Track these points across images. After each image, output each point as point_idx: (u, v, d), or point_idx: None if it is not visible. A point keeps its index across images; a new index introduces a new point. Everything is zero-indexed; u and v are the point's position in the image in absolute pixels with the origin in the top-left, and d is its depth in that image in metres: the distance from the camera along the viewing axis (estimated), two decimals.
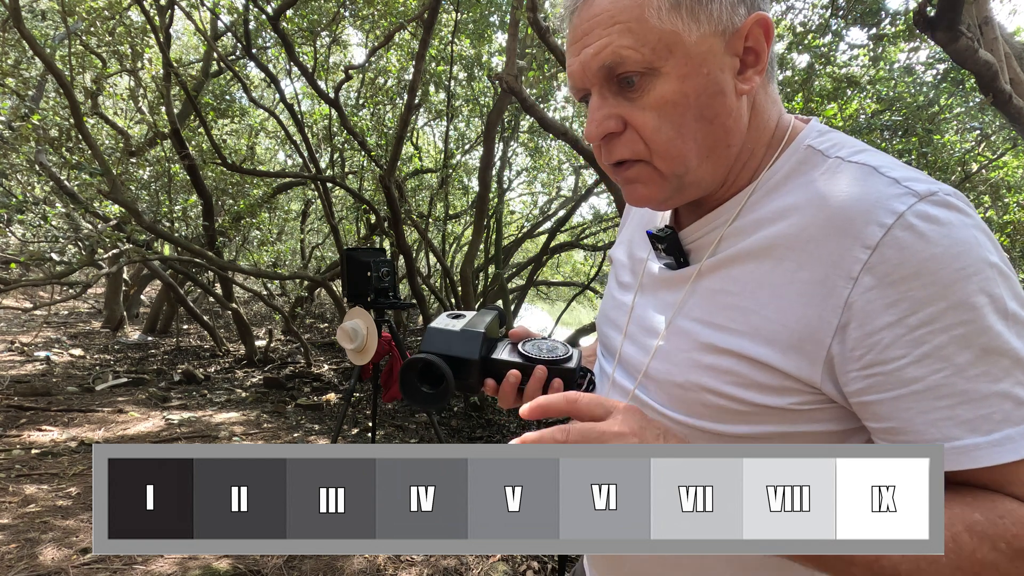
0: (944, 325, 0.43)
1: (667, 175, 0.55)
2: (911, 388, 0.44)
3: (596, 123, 0.54)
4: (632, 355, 0.64)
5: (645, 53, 0.51)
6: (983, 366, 0.43)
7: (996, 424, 0.43)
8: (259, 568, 2.30)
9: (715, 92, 0.52)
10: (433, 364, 0.63)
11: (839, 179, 0.51)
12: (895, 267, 0.45)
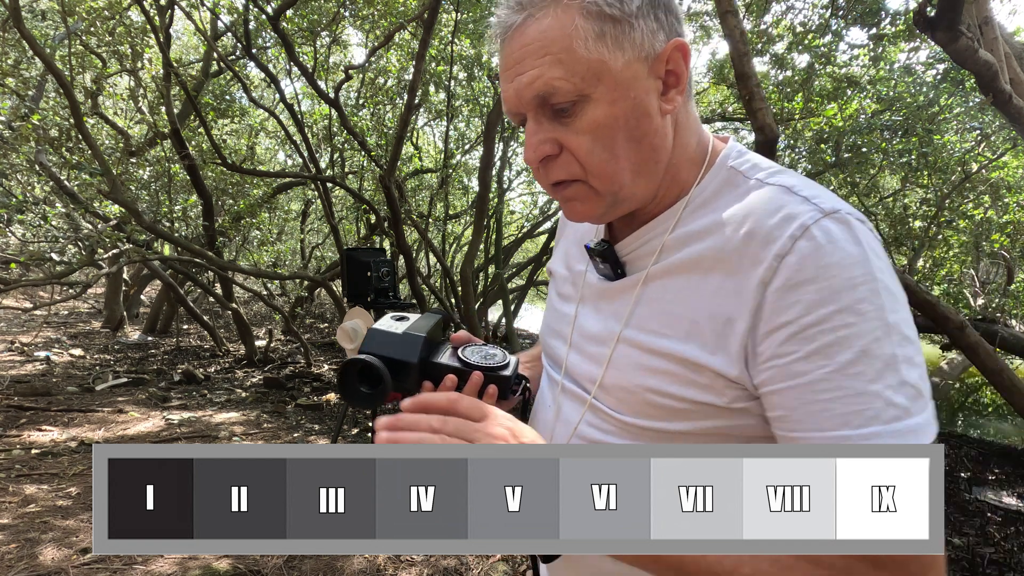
0: (831, 326, 0.48)
1: (602, 193, 0.59)
2: (798, 381, 0.49)
3: (533, 147, 0.57)
4: (578, 364, 0.68)
5: (575, 82, 0.54)
6: (860, 366, 0.47)
7: (866, 420, 0.47)
8: (259, 568, 2.30)
9: (642, 114, 0.57)
10: (371, 366, 0.64)
11: (758, 199, 0.56)
12: (795, 272, 0.50)
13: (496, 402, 0.66)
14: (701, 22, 7.31)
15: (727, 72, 6.27)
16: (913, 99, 4.73)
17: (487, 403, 0.61)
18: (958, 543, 2.93)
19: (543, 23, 0.54)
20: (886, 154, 4.94)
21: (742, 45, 2.47)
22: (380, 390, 0.64)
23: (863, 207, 5.69)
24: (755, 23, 5.64)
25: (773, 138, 2.55)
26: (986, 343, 2.93)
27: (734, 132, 7.48)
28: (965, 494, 3.69)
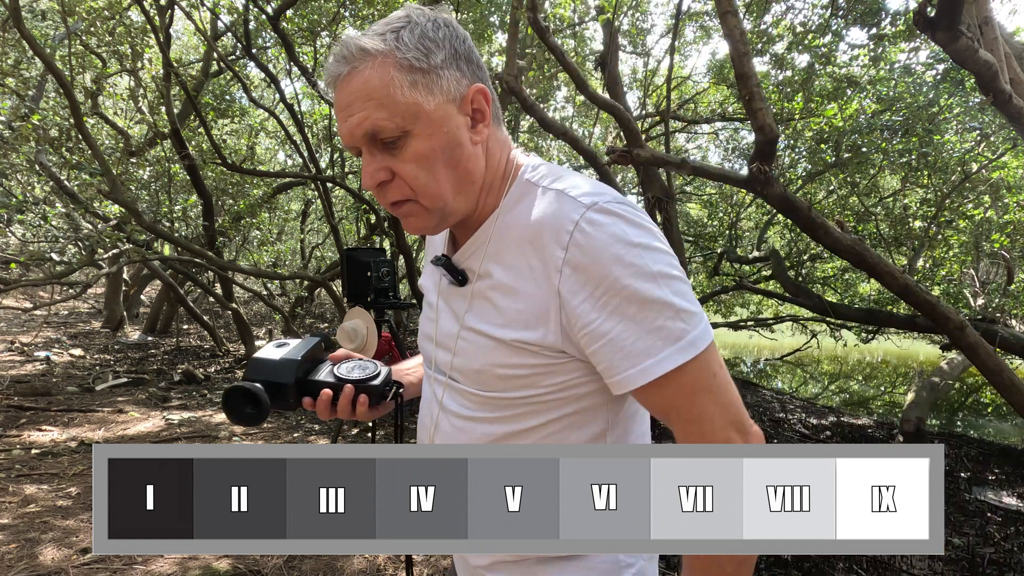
0: (614, 292, 0.63)
1: (431, 209, 0.71)
2: (608, 337, 0.63)
3: (369, 175, 0.69)
4: (441, 357, 0.80)
5: (397, 121, 0.66)
6: (644, 313, 0.62)
7: (660, 348, 0.62)
8: (259, 568, 2.29)
9: (455, 144, 0.69)
10: (250, 391, 0.75)
11: (543, 202, 0.70)
12: (578, 259, 0.64)
13: (369, 408, 0.81)
14: (701, 22, 7.32)
15: (727, 72, 6.27)
16: (913, 99, 4.72)
17: (361, 410, 0.80)
18: (958, 543, 2.93)
19: (364, 74, 0.65)
20: (886, 154, 4.94)
21: (742, 45, 2.47)
22: (261, 410, 0.76)
23: (863, 207, 5.69)
24: (755, 23, 5.64)
25: (773, 138, 2.56)
26: (986, 343, 2.93)
27: (734, 132, 7.48)
28: (965, 494, 3.69)
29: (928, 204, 5.25)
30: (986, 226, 5.18)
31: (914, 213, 5.48)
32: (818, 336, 7.84)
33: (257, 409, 0.76)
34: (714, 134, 8.41)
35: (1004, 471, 4.28)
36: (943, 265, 5.64)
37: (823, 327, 7.39)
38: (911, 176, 5.22)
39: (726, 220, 7.12)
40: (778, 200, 2.76)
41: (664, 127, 5.78)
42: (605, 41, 6.05)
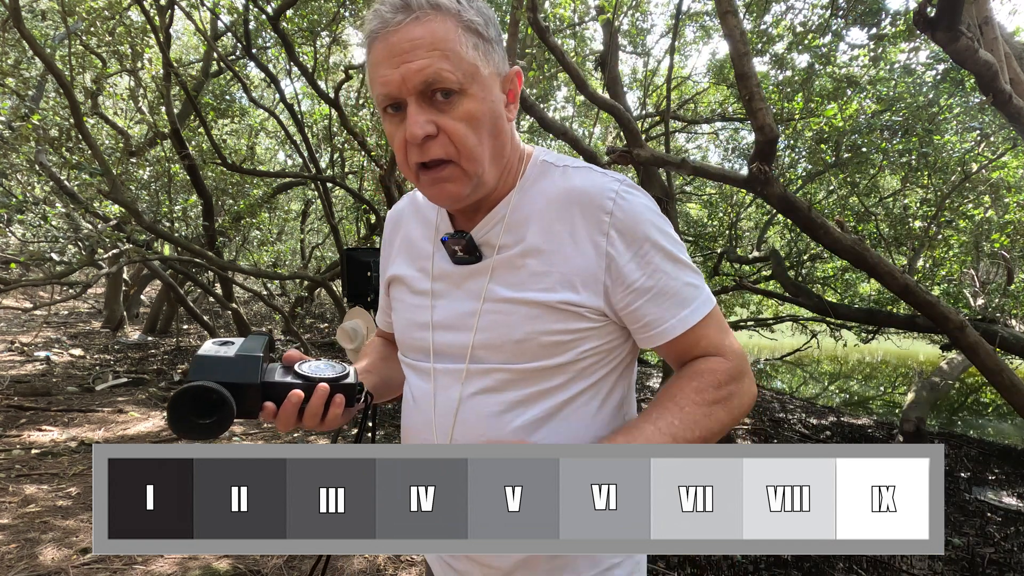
0: (654, 252, 0.72)
1: (470, 174, 0.70)
2: (651, 293, 0.71)
3: (419, 125, 0.67)
4: (450, 340, 0.77)
5: (458, 76, 0.66)
6: (676, 271, 0.72)
7: (689, 300, 0.72)
8: (259, 568, 2.29)
9: (498, 115, 0.71)
10: (211, 391, 0.61)
11: (575, 177, 0.75)
12: (621, 222, 0.71)
13: (343, 411, 0.72)
14: (701, 22, 7.32)
15: (727, 72, 6.27)
16: (913, 99, 4.72)
17: (335, 412, 0.70)
18: (958, 543, 2.93)
19: (432, 24, 0.66)
20: (886, 154, 4.94)
21: (742, 45, 2.47)
22: (222, 416, 0.60)
23: (863, 207, 5.69)
24: (755, 23, 5.64)
25: (773, 138, 2.55)
26: (986, 343, 2.93)
27: (734, 132, 7.48)
28: (965, 494, 3.69)
29: (928, 204, 5.25)
30: (986, 226, 5.18)
31: (914, 213, 5.48)
32: (818, 336, 7.84)
33: (218, 416, 0.61)
34: (714, 134, 8.41)
35: (1004, 471, 4.28)
36: (943, 265, 5.64)
37: (823, 327, 7.39)
38: (911, 176, 5.21)
39: (726, 220, 7.12)
40: (778, 200, 2.76)
41: (664, 127, 5.78)
42: (605, 41, 6.05)
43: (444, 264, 0.80)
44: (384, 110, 0.71)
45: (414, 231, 0.86)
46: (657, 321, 0.72)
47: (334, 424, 0.72)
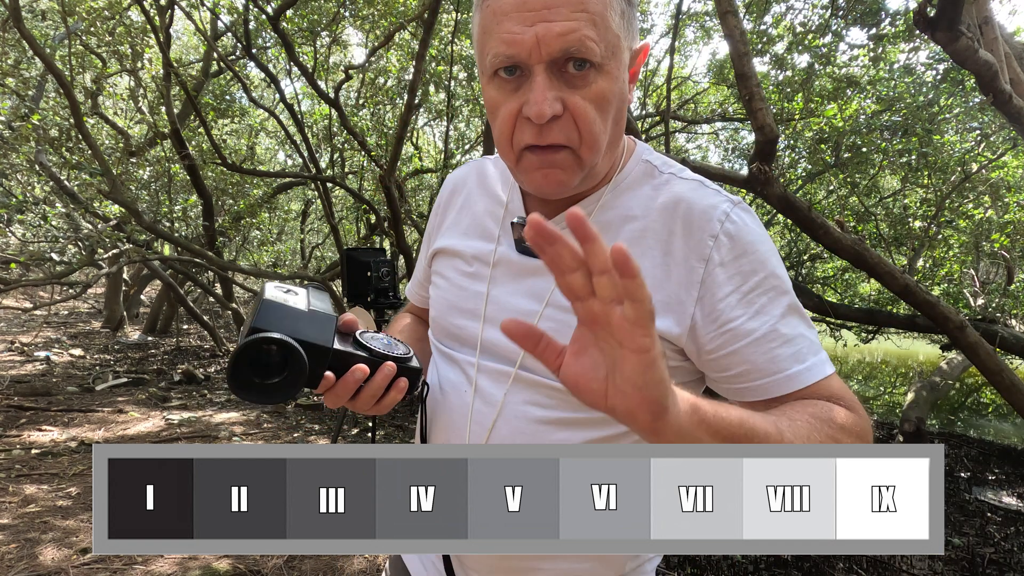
0: (764, 289, 0.59)
1: (585, 164, 0.60)
2: (752, 337, 0.58)
3: (548, 103, 0.55)
4: (501, 339, 0.65)
5: (602, 48, 0.55)
6: (789, 316, 0.59)
7: (805, 356, 0.58)
8: (259, 568, 2.29)
9: (624, 98, 0.61)
10: (288, 347, 0.51)
11: (681, 189, 0.64)
12: (728, 250, 0.60)
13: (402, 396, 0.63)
14: (701, 22, 7.31)
15: (727, 72, 6.27)
16: (913, 99, 4.72)
17: (394, 397, 0.61)
18: (958, 543, 2.93)
19: None
20: (886, 154, 4.94)
21: (742, 45, 2.47)
22: (292, 378, 0.52)
23: (863, 207, 5.69)
24: (755, 23, 5.64)
25: (773, 138, 2.55)
26: (986, 343, 2.93)
27: (734, 132, 7.48)
28: (965, 494, 3.69)
29: (928, 204, 5.25)
30: (986, 226, 5.18)
31: (914, 213, 5.48)
32: (818, 336, 7.84)
33: (288, 375, 0.52)
34: (714, 134, 8.41)
35: (1004, 471, 4.28)
36: (943, 265, 5.64)
37: (823, 327, 7.39)
38: (911, 176, 5.21)
39: None
40: (778, 200, 2.76)
41: (664, 127, 5.78)
42: None
43: (507, 250, 0.69)
44: (494, 72, 0.58)
45: (478, 203, 0.75)
46: (758, 372, 0.58)
47: (385, 410, 0.63)
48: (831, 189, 6.22)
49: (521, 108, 0.57)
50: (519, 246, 0.68)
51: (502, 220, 0.70)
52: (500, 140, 0.61)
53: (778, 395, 0.58)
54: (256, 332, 0.51)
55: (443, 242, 0.76)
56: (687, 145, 9.42)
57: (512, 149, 0.60)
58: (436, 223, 0.80)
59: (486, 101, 0.61)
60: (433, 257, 0.79)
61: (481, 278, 0.70)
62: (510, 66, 0.56)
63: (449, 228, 0.77)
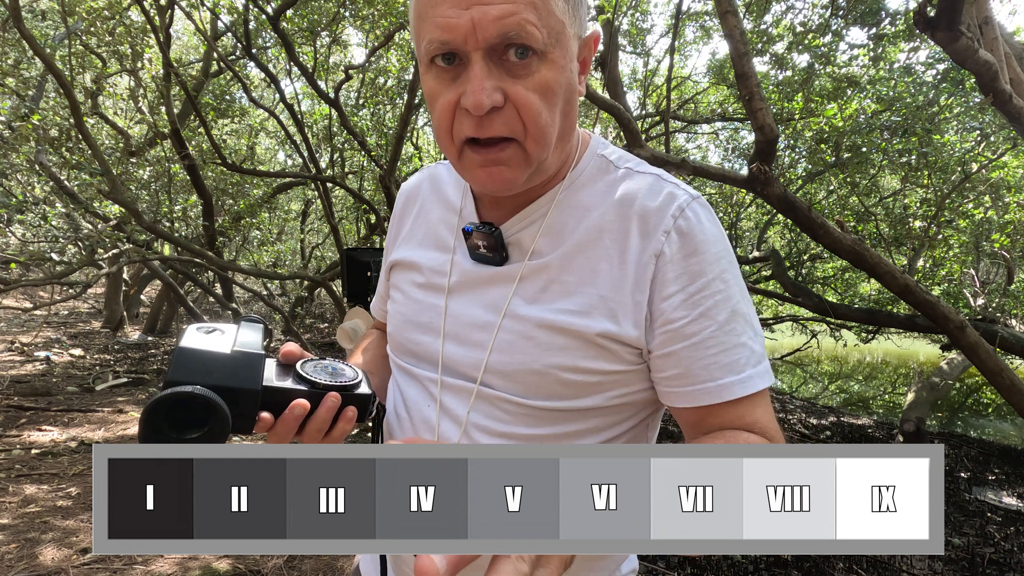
0: (710, 292, 0.57)
1: (532, 158, 0.56)
2: (691, 341, 0.56)
3: (486, 93, 0.51)
4: (460, 355, 0.63)
5: (544, 34, 0.52)
6: (733, 324, 0.57)
7: (742, 367, 0.56)
8: (259, 568, 2.30)
9: (573, 88, 0.57)
10: (199, 399, 0.47)
11: (637, 184, 0.61)
12: (680, 247, 0.57)
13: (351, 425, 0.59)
14: (701, 22, 7.31)
15: (727, 72, 6.27)
16: (913, 99, 4.72)
17: (343, 428, 0.57)
18: (958, 543, 2.93)
19: None
20: (886, 154, 4.94)
21: (742, 45, 2.47)
22: (212, 432, 0.48)
23: (863, 207, 5.69)
24: (755, 23, 5.64)
25: (773, 138, 2.56)
26: (986, 343, 2.93)
27: (734, 132, 7.48)
28: (965, 494, 3.69)
29: (928, 204, 5.25)
30: (986, 226, 5.18)
31: (914, 213, 5.48)
32: (818, 336, 7.84)
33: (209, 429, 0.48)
34: (714, 134, 8.41)
35: (1004, 471, 4.28)
36: (943, 265, 5.64)
37: (823, 327, 7.39)
38: (911, 176, 5.21)
39: (726, 220, 7.12)
40: (778, 200, 2.76)
41: (664, 127, 5.78)
42: (605, 41, 6.04)
43: (462, 259, 0.66)
44: (430, 60, 0.54)
45: (432, 212, 0.72)
46: (691, 377, 0.57)
47: (339, 440, 0.58)
48: (831, 189, 6.22)
49: (459, 99, 0.53)
50: (473, 254, 0.65)
51: (456, 228, 0.67)
52: (439, 134, 0.57)
53: (707, 404, 0.56)
54: (172, 385, 0.48)
55: (399, 254, 0.73)
56: (687, 145, 9.42)
57: (452, 143, 0.57)
58: (392, 235, 0.77)
59: (424, 92, 0.57)
60: (390, 270, 0.76)
61: (438, 290, 0.67)
62: (447, 53, 0.53)
63: (405, 240, 0.74)
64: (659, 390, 0.61)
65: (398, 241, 0.75)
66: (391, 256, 0.76)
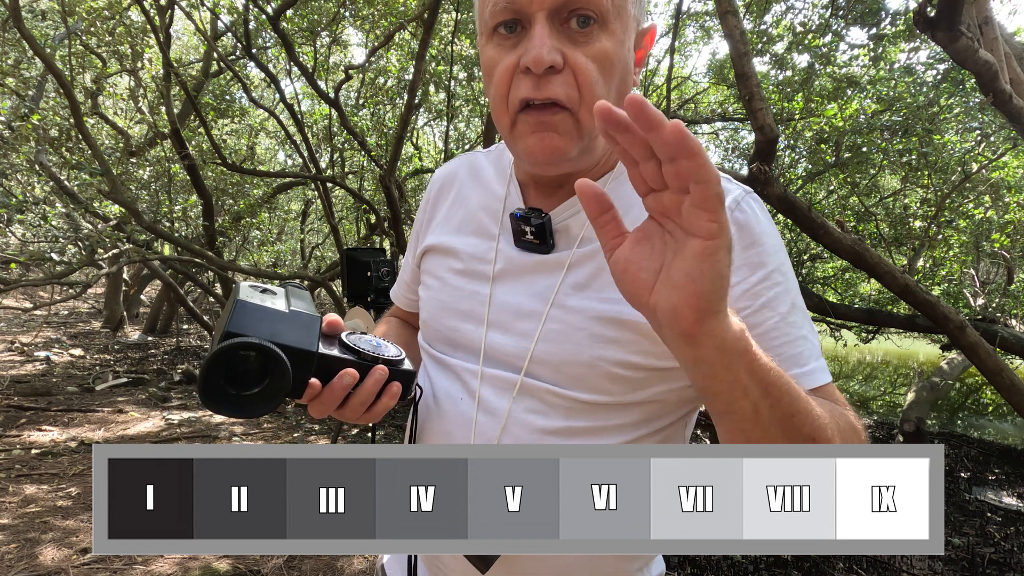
0: (771, 283, 0.56)
1: (584, 130, 0.56)
2: (754, 332, 0.51)
3: (547, 50, 0.52)
4: (504, 344, 0.62)
5: (608, 3, 0.53)
6: (794, 316, 0.56)
7: (806, 359, 0.56)
8: (259, 568, 2.30)
9: (628, 68, 0.57)
10: (268, 352, 0.46)
11: None
12: (738, 240, 0.56)
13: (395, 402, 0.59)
14: (701, 22, 7.31)
15: (727, 72, 6.27)
16: (913, 99, 4.72)
17: (386, 403, 0.56)
18: (958, 543, 2.93)
19: None
20: (886, 154, 4.94)
21: (742, 45, 2.47)
22: (272, 388, 0.47)
23: (863, 207, 5.69)
24: (755, 23, 5.64)
25: (773, 138, 2.55)
26: (986, 343, 2.93)
27: (734, 132, 7.48)
28: (965, 494, 3.69)
29: (928, 204, 5.25)
30: (986, 226, 5.18)
31: (914, 213, 5.48)
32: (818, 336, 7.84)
33: (268, 384, 0.47)
34: (714, 134, 8.41)
35: (1004, 471, 4.28)
36: (943, 265, 5.64)
37: (823, 327, 7.39)
38: (911, 176, 5.21)
39: None
40: (778, 200, 2.76)
41: None
42: None
43: (507, 247, 0.64)
44: (493, 30, 0.55)
45: (471, 198, 0.70)
46: None
47: (377, 418, 0.57)
48: (831, 189, 6.22)
49: (519, 61, 0.54)
50: (518, 241, 0.63)
51: (500, 216, 0.66)
52: (495, 101, 0.57)
53: None
54: (231, 337, 0.46)
55: (434, 239, 0.72)
56: None
57: (507, 110, 0.57)
58: (424, 220, 0.76)
59: (483, 64, 0.58)
60: (423, 256, 0.74)
61: (480, 277, 0.65)
62: (510, 21, 0.54)
63: (440, 224, 0.72)
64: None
65: (432, 227, 0.74)
66: (424, 242, 0.73)
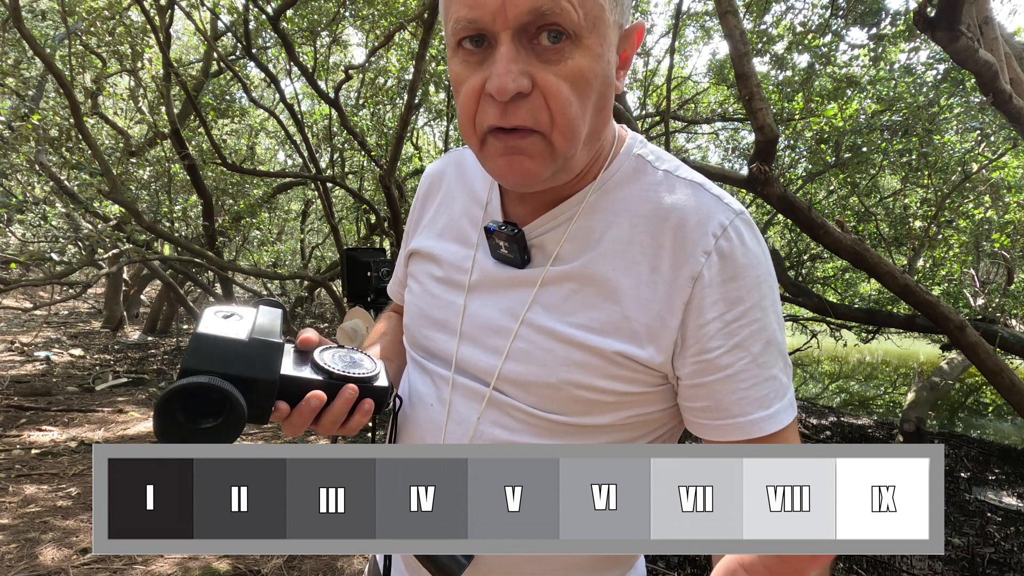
0: (747, 321, 0.53)
1: (558, 153, 0.52)
2: (724, 373, 0.53)
3: (512, 77, 0.47)
4: (475, 358, 0.60)
5: (580, 16, 0.47)
6: (767, 355, 0.54)
7: (772, 401, 0.54)
8: (259, 568, 2.30)
9: (608, 81, 0.52)
10: (217, 391, 0.46)
11: (676, 192, 0.57)
12: (720, 270, 0.53)
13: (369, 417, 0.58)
14: (701, 22, 7.31)
15: (727, 72, 6.27)
16: (913, 99, 4.72)
17: (359, 420, 0.56)
18: (958, 543, 2.93)
19: None
20: (886, 154, 4.94)
21: (742, 45, 2.47)
22: (227, 423, 0.47)
23: (863, 207, 5.69)
24: (755, 23, 5.64)
25: (773, 138, 2.55)
26: (986, 343, 2.93)
27: (734, 132, 7.48)
28: (965, 494, 3.69)
29: (928, 204, 5.25)
30: (986, 226, 5.18)
31: (914, 213, 5.48)
32: (818, 336, 7.84)
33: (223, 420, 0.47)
34: (714, 134, 8.41)
35: (1004, 471, 4.28)
36: (943, 265, 5.64)
37: (823, 327, 7.39)
38: (911, 176, 5.21)
39: None
40: (778, 200, 2.76)
41: (664, 127, 5.78)
42: None
43: (484, 258, 0.63)
44: (458, 43, 0.51)
45: (456, 202, 0.68)
46: (722, 411, 0.54)
47: (352, 432, 0.57)
48: (831, 189, 6.22)
49: (484, 84, 0.50)
50: (494, 253, 0.62)
51: (480, 223, 0.64)
52: (462, 121, 0.54)
53: (735, 439, 0.54)
54: (186, 374, 0.47)
55: (418, 243, 0.70)
56: (687, 145, 9.42)
57: (475, 132, 0.53)
58: (413, 220, 0.74)
59: (451, 77, 0.54)
60: (409, 257, 0.73)
61: (456, 287, 0.64)
62: (476, 35, 0.49)
63: (426, 227, 0.71)
64: (686, 417, 0.58)
65: (419, 228, 0.72)
66: (411, 243, 0.73)
